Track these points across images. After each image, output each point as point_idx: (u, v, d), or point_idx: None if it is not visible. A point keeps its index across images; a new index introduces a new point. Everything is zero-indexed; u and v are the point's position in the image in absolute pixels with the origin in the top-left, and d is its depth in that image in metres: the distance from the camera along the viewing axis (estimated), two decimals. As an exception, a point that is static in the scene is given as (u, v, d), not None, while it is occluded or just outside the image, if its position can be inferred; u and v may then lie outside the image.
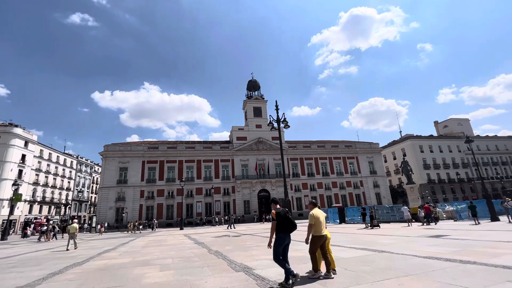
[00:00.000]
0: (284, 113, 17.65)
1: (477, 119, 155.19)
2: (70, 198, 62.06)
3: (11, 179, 43.39)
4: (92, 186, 72.85)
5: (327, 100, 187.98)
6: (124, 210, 41.98)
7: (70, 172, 63.84)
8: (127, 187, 43.61)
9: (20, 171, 47.42)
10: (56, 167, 58.20)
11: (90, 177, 72.19)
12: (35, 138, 52.29)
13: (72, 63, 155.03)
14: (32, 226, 42.02)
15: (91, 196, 72.04)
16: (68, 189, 61.80)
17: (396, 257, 6.91)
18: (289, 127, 19.98)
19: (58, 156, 59.42)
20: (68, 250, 13.34)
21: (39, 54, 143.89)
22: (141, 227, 34.04)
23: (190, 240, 15.73)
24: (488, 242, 8.81)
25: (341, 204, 45.59)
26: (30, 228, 38.51)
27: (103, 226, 34.00)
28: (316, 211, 5.42)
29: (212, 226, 37.41)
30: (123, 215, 41.59)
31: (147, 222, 40.15)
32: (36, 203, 51.58)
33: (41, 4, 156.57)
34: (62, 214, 58.91)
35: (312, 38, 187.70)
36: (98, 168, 72.09)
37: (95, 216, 42.41)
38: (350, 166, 55.04)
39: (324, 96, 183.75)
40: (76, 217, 44.16)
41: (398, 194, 58.51)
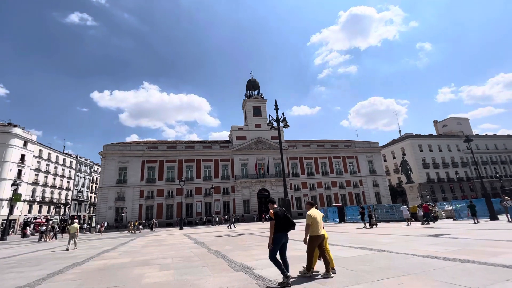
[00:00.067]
0: (283, 112, 17.68)
1: (476, 118, 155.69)
2: (69, 198, 62.01)
3: (10, 179, 43.35)
4: (92, 186, 72.79)
5: (327, 99, 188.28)
6: (123, 210, 41.97)
7: (70, 172, 63.78)
8: (127, 187, 43.60)
9: (19, 171, 47.37)
10: (55, 167, 58.14)
11: (89, 177, 72.14)
12: (34, 138, 52.22)
13: (71, 62, 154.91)
14: (32, 226, 42.01)
15: (91, 196, 71.99)
16: (67, 189, 61.75)
17: (396, 256, 6.92)
18: (288, 126, 20.00)
19: (57, 156, 59.35)
20: (68, 250, 13.36)
21: (38, 53, 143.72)
22: (141, 226, 34.05)
23: (189, 240, 15.74)
24: (487, 241, 8.83)
25: (340, 204, 45.61)
26: (30, 228, 38.47)
27: (103, 226, 33.98)
28: (313, 211, 5.43)
29: (212, 225, 37.43)
30: (123, 215, 41.58)
31: (147, 222, 40.14)
32: (36, 203, 51.53)
33: (39, 4, 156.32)
34: (61, 214, 58.87)
35: (312, 38, 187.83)
36: (98, 168, 72.02)
37: (95, 216, 42.38)
38: (349, 166, 55.09)
39: (323, 95, 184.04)
40: (76, 217, 44.20)
41: (397, 193, 58.61)
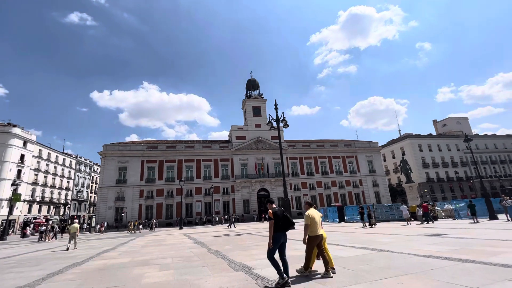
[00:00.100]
0: (283, 112, 17.70)
1: (475, 118, 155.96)
2: (69, 198, 61.97)
3: (10, 179, 43.33)
4: (91, 186, 72.76)
5: (326, 99, 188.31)
6: (123, 209, 41.95)
7: (69, 172, 63.74)
8: (127, 187, 43.58)
9: (19, 171, 47.33)
10: (55, 167, 58.09)
11: (89, 176, 72.10)
12: (33, 138, 52.17)
13: (70, 62, 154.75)
14: (31, 226, 41.98)
15: (90, 196, 71.96)
16: (67, 189, 61.72)
17: (395, 256, 6.92)
18: (288, 126, 20.01)
19: (57, 156, 59.30)
20: (68, 249, 13.38)
21: (37, 53, 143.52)
22: (141, 226, 34.05)
23: (189, 240, 15.73)
24: (486, 240, 8.84)
25: (340, 203, 45.63)
26: (30, 228, 38.45)
27: (103, 226, 33.95)
28: (312, 212, 5.44)
29: (212, 225, 37.43)
30: (123, 214, 41.56)
31: (147, 221, 40.13)
32: (35, 203, 51.50)
33: (39, 3, 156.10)
34: (61, 214, 58.84)
35: (311, 37, 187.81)
36: (97, 168, 71.98)
37: (95, 216, 42.35)
38: (349, 165, 55.11)
39: (323, 95, 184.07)
40: (75, 217, 44.21)
41: (397, 193, 58.65)
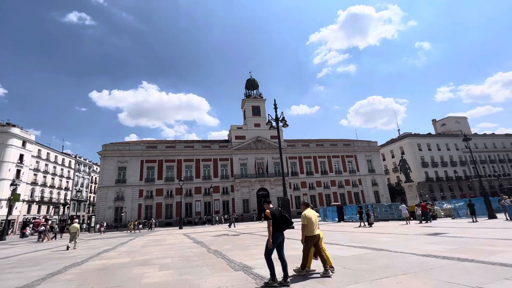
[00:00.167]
0: (282, 112, 17.71)
1: (474, 117, 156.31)
2: (68, 198, 61.91)
3: (9, 179, 43.27)
4: (91, 186, 72.68)
5: (326, 98, 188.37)
6: (123, 209, 41.93)
7: (69, 171, 63.65)
8: (126, 187, 43.54)
9: (18, 171, 47.25)
10: (54, 167, 58.00)
11: (88, 176, 72.02)
12: (32, 137, 52.08)
13: (69, 62, 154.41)
14: (31, 226, 41.92)
15: (90, 196, 71.90)
16: (66, 189, 61.63)
17: (395, 255, 6.94)
18: (287, 126, 20.04)
19: (56, 156, 59.21)
20: (68, 249, 13.41)
21: (36, 53, 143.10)
22: (140, 226, 34.05)
23: (189, 240, 15.73)
24: (485, 239, 8.87)
25: (339, 203, 45.68)
26: (30, 228, 38.40)
27: (103, 226, 33.91)
28: (308, 212, 5.47)
29: (212, 225, 37.44)
30: (122, 214, 41.54)
31: (147, 221, 40.11)
32: (35, 203, 51.43)
33: (37, 3, 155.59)
34: (60, 214, 58.78)
35: (311, 37, 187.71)
36: (97, 168, 71.91)
37: (94, 216, 42.30)
38: (348, 165, 55.16)
39: (322, 94, 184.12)
40: (75, 217, 44.14)
41: (396, 192, 58.74)
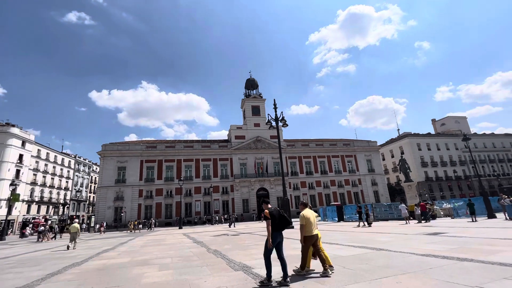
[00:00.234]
0: (282, 111, 17.71)
1: (474, 117, 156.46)
2: (68, 198, 61.86)
3: (8, 179, 43.22)
4: (91, 186, 72.63)
5: (325, 98, 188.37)
6: (122, 209, 41.92)
7: (68, 171, 63.58)
8: (126, 187, 43.51)
9: (17, 171, 47.18)
10: (54, 167, 57.93)
11: (88, 176, 71.96)
12: (32, 137, 52.00)
13: (69, 62, 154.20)
14: (31, 226, 41.90)
15: (90, 196, 71.86)
16: (66, 188, 61.56)
17: (394, 255, 6.95)
18: (287, 125, 20.05)
19: (55, 156, 59.14)
20: (68, 248, 13.43)
21: (36, 53, 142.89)
22: (140, 226, 34.04)
23: (189, 239, 15.72)
24: (485, 239, 8.89)
25: (339, 202, 45.71)
26: (29, 228, 38.38)
27: (103, 226, 33.88)
28: (307, 212, 5.47)
29: (211, 225, 37.44)
30: (122, 214, 41.52)
31: (146, 221, 40.11)
32: (34, 203, 51.36)
33: (37, 3, 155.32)
34: (60, 214, 58.73)
35: (310, 37, 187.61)
36: (96, 168, 71.85)
37: (94, 216, 42.27)
38: (348, 164, 55.19)
39: (322, 94, 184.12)
40: (75, 217, 44.15)
41: (396, 192, 58.78)
